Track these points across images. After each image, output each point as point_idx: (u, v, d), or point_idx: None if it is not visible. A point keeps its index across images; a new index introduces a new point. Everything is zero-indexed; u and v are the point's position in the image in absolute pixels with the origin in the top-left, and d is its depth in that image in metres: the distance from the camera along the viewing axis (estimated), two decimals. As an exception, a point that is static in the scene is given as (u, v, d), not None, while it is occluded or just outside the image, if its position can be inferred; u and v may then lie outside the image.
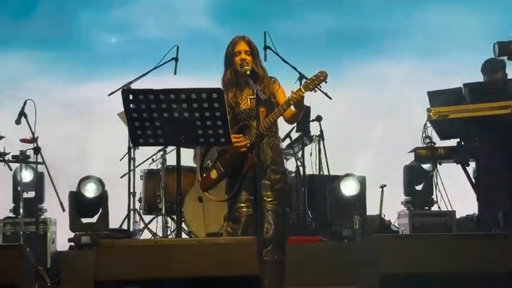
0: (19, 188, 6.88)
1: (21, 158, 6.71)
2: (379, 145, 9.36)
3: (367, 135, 9.44)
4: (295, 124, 7.59)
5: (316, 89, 4.80)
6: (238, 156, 4.75)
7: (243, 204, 4.79)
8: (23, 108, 6.49)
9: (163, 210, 7.60)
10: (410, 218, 7.43)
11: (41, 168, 6.82)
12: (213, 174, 4.89)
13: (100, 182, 7.42)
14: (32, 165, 6.87)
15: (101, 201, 7.41)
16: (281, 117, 4.85)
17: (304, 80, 6.71)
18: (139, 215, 7.87)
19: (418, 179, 7.79)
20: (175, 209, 6.30)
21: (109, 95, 6.59)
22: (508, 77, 5.76)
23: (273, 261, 4.65)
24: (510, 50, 3.83)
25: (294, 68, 6.82)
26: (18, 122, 6.48)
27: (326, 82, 4.85)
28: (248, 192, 4.79)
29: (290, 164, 8.25)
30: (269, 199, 4.73)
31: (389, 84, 9.59)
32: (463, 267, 3.65)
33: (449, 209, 5.91)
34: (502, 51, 3.87)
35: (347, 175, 7.62)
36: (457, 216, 7.47)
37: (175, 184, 4.45)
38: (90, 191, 7.40)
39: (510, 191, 5.39)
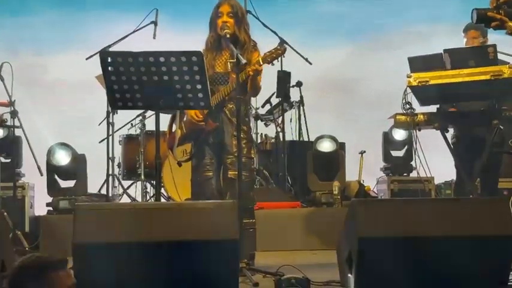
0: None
1: (-2, 122, 6.63)
2: (359, 111, 9.39)
3: (347, 100, 9.45)
4: (275, 90, 7.59)
5: (273, 62, 4.80)
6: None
7: (205, 168, 4.82)
8: (-1, 71, 6.40)
9: (143, 176, 7.58)
10: (389, 184, 7.48)
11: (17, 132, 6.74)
12: (178, 133, 4.91)
13: (67, 146, 7.31)
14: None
15: (79, 166, 7.35)
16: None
17: (285, 44, 6.74)
18: (118, 180, 7.85)
19: (396, 146, 7.83)
20: (154, 174, 6.28)
21: (87, 58, 6.52)
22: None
23: (242, 227, 4.67)
24: (488, 17, 3.80)
25: (275, 33, 6.80)
26: (-6, 85, 6.39)
27: (284, 56, 4.88)
28: (210, 156, 4.82)
29: (270, 130, 8.26)
30: (231, 166, 4.75)
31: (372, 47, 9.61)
32: (442, 232, 3.67)
33: (428, 175, 5.93)
34: (480, 18, 3.84)
35: (321, 136, 7.63)
36: (436, 182, 7.54)
37: (154, 149, 4.43)
38: (60, 159, 7.30)
39: (486, 158, 5.42)
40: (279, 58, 4.88)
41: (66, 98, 9.18)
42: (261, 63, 4.74)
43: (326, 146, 7.56)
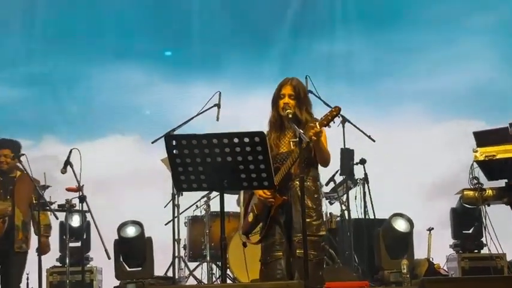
0: (65, 237, 6.95)
1: (67, 207, 6.77)
2: (425, 187, 9.25)
3: (412, 176, 9.33)
4: (338, 168, 7.57)
5: (330, 124, 4.71)
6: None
7: (274, 248, 4.77)
8: (68, 157, 6.55)
9: (208, 257, 7.58)
10: (459, 262, 7.28)
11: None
12: (250, 217, 4.87)
13: (138, 224, 7.47)
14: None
15: (146, 248, 7.41)
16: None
17: (347, 122, 6.78)
18: (184, 262, 7.86)
19: (465, 222, 7.65)
20: (219, 255, 6.27)
21: (153, 142, 6.67)
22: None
23: None
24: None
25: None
26: (64, 171, 6.53)
27: (339, 117, 4.80)
28: (280, 235, 4.76)
29: (335, 208, 8.19)
30: (299, 244, 4.65)
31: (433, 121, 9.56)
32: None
33: (500, 251, 5.76)
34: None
35: (398, 214, 7.52)
36: (508, 259, 7.30)
37: (219, 230, 4.43)
38: (129, 233, 7.46)
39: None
40: (334, 121, 4.77)
41: (132, 182, 9.34)
42: (318, 127, 4.66)
43: (402, 226, 7.44)
